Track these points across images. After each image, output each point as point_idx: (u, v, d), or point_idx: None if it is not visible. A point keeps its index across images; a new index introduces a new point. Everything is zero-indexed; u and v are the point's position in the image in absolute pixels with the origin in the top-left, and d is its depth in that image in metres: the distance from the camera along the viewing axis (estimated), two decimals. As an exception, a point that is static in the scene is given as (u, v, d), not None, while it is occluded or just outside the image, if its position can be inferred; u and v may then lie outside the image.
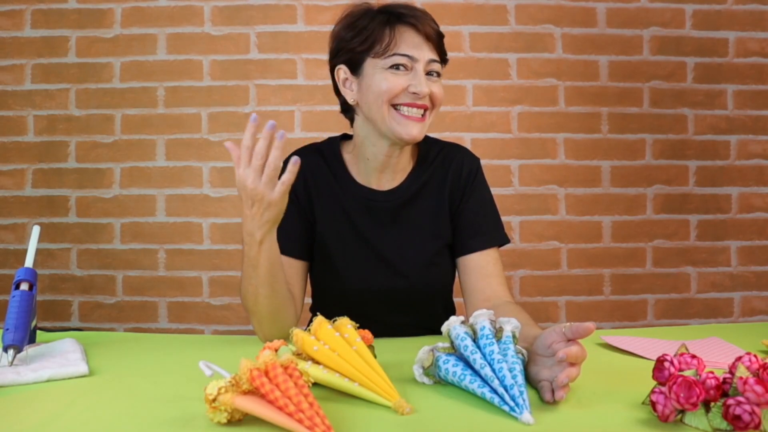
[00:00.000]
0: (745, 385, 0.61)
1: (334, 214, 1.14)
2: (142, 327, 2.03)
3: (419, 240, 1.15)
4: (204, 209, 2.04)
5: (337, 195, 1.15)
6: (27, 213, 2.03)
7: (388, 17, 1.07)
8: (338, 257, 1.14)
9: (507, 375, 0.70)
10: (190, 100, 2.03)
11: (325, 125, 2.03)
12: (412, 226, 1.15)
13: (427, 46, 1.07)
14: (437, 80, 1.08)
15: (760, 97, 2.09)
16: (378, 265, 1.14)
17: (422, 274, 1.14)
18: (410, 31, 1.06)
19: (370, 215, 1.14)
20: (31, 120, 2.02)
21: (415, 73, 1.05)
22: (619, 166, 2.08)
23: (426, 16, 1.09)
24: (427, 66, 1.07)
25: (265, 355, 0.67)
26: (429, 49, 1.07)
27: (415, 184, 1.16)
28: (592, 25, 2.07)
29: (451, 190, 1.17)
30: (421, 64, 1.06)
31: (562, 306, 2.08)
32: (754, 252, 2.10)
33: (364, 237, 1.14)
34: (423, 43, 1.06)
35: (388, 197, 1.15)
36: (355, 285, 1.13)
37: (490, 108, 2.06)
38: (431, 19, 1.10)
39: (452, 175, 1.17)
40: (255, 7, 2.03)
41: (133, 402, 0.72)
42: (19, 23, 2.02)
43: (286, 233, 1.07)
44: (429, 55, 1.07)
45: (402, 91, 1.05)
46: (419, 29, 1.06)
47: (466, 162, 1.19)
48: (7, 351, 0.83)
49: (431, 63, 1.07)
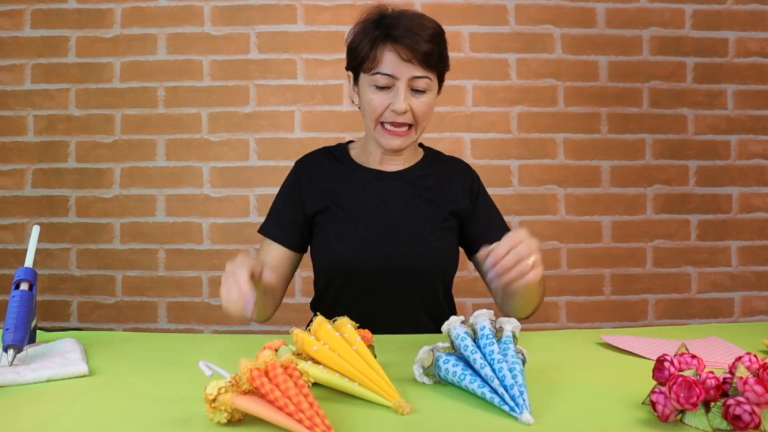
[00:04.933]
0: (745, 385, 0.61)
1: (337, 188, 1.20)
2: (142, 327, 2.03)
3: (423, 215, 1.19)
4: (204, 209, 2.04)
5: (343, 174, 1.21)
6: (27, 213, 2.03)
7: (377, 35, 1.10)
8: (339, 227, 1.17)
9: (507, 375, 0.70)
10: (190, 100, 2.03)
11: (325, 125, 2.04)
12: (418, 202, 1.20)
13: (410, 63, 1.08)
14: (422, 95, 1.11)
15: (760, 97, 2.09)
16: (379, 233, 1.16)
17: (424, 247, 1.16)
18: (394, 49, 1.08)
19: (375, 188, 1.20)
20: (31, 120, 2.02)
21: (395, 91, 1.09)
22: (618, 166, 2.08)
23: (416, 29, 1.08)
24: (411, 83, 1.10)
25: (265, 355, 0.67)
26: (413, 65, 1.08)
27: (422, 170, 1.23)
28: (591, 26, 2.07)
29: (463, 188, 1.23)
30: (401, 82, 1.09)
31: (562, 306, 2.08)
32: (754, 252, 2.10)
33: (367, 206, 1.18)
34: (406, 61, 1.08)
35: (396, 176, 1.21)
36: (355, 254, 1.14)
37: (489, 108, 2.06)
38: (424, 31, 1.09)
39: (462, 176, 1.25)
40: (255, 7, 2.03)
41: (133, 402, 0.72)
42: (19, 23, 2.02)
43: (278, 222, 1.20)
44: (411, 72, 1.09)
45: (384, 110, 1.11)
46: (404, 47, 1.08)
47: (470, 171, 1.29)
48: (7, 351, 0.83)
49: (414, 80, 1.09)
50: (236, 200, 2.04)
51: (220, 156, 2.04)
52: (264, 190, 2.03)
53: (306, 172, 1.23)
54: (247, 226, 2.03)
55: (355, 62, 1.14)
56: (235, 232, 2.03)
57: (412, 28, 1.08)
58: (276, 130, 2.04)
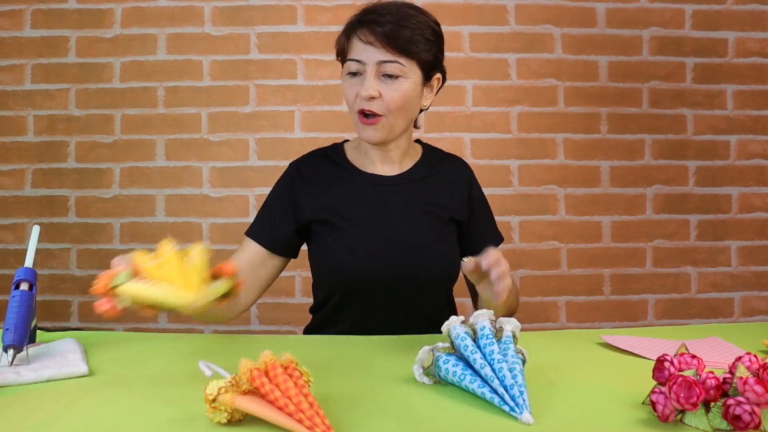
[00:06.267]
0: (745, 385, 0.61)
1: (338, 199, 1.15)
2: (142, 327, 2.03)
3: (426, 224, 1.16)
4: (204, 209, 2.04)
5: (342, 181, 1.17)
6: (27, 213, 2.03)
7: (351, 24, 1.09)
8: (342, 239, 1.13)
9: (507, 375, 0.70)
10: (190, 100, 2.03)
11: (325, 125, 2.04)
12: (420, 211, 1.16)
13: (377, 48, 1.04)
14: (393, 81, 1.05)
15: (760, 97, 2.10)
16: (383, 245, 1.12)
17: (428, 257, 1.13)
18: (362, 34, 1.06)
19: (375, 196, 1.16)
20: (31, 120, 2.02)
21: (364, 76, 1.06)
22: (618, 166, 2.08)
23: (388, 16, 1.05)
24: (379, 68, 1.05)
25: (265, 355, 0.67)
26: (380, 50, 1.04)
27: (420, 172, 1.19)
28: (591, 26, 2.07)
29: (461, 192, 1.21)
30: (369, 67, 1.05)
31: (562, 306, 2.08)
32: (754, 252, 2.10)
33: (370, 217, 1.14)
34: (372, 45, 1.04)
35: (393, 180, 1.17)
36: (360, 267, 1.11)
37: (489, 108, 2.06)
38: (397, 15, 1.05)
39: (460, 178, 1.22)
40: (255, 8, 2.04)
41: (133, 402, 0.72)
42: (19, 23, 2.02)
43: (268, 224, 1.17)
44: (377, 56, 1.04)
45: (356, 98, 1.07)
46: (368, 32, 1.04)
47: (467, 169, 1.25)
48: (7, 351, 0.83)
49: (383, 64, 1.04)
50: (236, 200, 2.04)
51: (220, 156, 2.04)
52: (264, 190, 2.03)
53: (302, 178, 1.18)
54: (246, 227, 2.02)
55: (339, 57, 1.12)
56: (235, 232, 2.03)
57: (384, 13, 1.05)
58: (276, 130, 2.04)
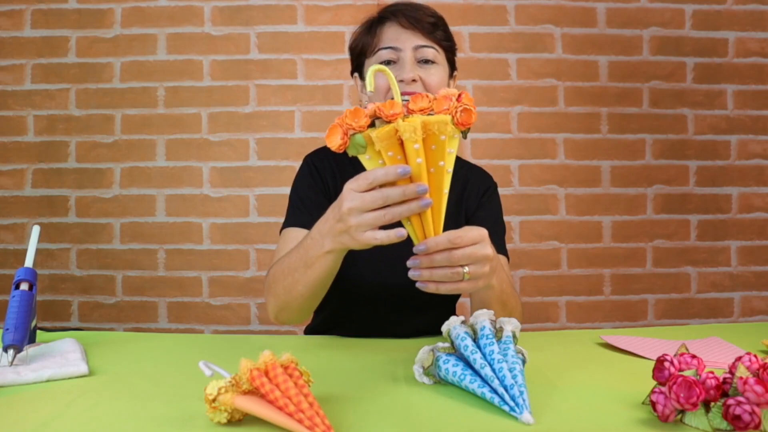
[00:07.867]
0: (745, 385, 0.61)
1: None
2: (142, 327, 2.03)
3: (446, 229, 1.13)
4: (204, 209, 2.04)
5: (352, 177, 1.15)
6: (27, 213, 2.03)
7: (375, 20, 1.09)
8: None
9: (507, 375, 0.70)
10: (190, 100, 2.03)
11: (325, 125, 2.03)
12: None
13: (412, 34, 1.04)
14: (431, 67, 1.06)
15: (760, 97, 2.10)
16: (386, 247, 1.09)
17: None
18: (393, 24, 1.06)
19: None
20: (31, 120, 2.02)
21: (401, 62, 1.04)
22: (618, 166, 2.08)
23: (415, 6, 1.07)
24: (416, 53, 1.05)
25: (265, 355, 0.67)
26: (416, 35, 1.05)
27: None
28: (591, 25, 2.07)
29: (468, 197, 1.19)
30: (406, 53, 1.04)
31: (562, 306, 2.08)
32: (754, 252, 2.10)
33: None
34: (407, 31, 1.04)
35: None
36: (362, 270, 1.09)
37: (490, 108, 2.06)
38: (423, 8, 1.07)
39: (472, 185, 1.20)
40: (255, 7, 2.04)
41: (133, 402, 0.72)
42: (19, 23, 2.02)
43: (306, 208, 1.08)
44: (415, 41, 1.04)
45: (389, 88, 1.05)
46: (403, 19, 1.05)
47: (487, 178, 1.23)
48: (7, 351, 0.83)
49: (420, 49, 1.05)
50: (236, 200, 2.04)
51: (220, 156, 2.04)
52: (264, 190, 2.03)
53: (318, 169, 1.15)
54: (246, 226, 2.03)
55: (358, 57, 1.11)
56: (235, 232, 2.03)
57: (402, 7, 1.07)
58: (276, 130, 2.04)
